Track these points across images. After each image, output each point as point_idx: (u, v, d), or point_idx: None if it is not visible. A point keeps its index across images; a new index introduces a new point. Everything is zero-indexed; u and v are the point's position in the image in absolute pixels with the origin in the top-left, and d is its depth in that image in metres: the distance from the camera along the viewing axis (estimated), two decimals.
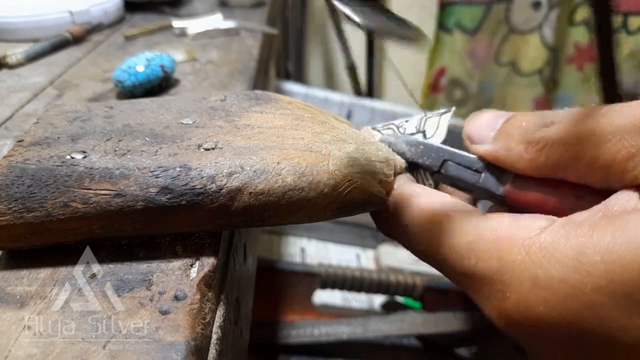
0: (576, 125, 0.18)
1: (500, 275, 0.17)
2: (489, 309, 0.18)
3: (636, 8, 0.82)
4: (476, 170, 0.23)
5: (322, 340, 0.66)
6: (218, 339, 0.20)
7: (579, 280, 0.15)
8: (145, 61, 0.38)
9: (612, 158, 0.17)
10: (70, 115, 0.25)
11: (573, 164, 0.18)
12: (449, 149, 0.24)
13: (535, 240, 0.17)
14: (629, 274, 0.14)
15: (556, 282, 0.16)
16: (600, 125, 0.17)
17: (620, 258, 0.14)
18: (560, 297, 0.15)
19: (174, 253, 0.21)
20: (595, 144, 0.17)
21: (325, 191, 0.21)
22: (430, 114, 0.26)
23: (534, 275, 0.16)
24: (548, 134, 0.19)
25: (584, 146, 0.18)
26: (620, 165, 0.17)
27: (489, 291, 0.18)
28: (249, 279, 0.35)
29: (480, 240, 0.19)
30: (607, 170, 0.17)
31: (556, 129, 0.19)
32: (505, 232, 0.18)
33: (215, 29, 0.55)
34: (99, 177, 0.20)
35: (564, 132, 0.18)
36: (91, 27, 0.54)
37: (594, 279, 0.15)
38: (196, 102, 0.27)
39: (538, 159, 0.20)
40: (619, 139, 0.17)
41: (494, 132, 0.22)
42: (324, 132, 0.24)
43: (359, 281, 0.74)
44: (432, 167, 0.24)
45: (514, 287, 0.17)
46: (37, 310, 0.18)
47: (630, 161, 0.17)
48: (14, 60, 0.44)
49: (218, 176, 0.20)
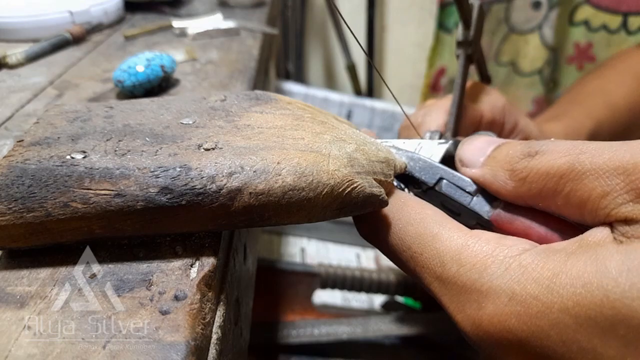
0: (558, 159, 0.19)
1: (479, 285, 0.18)
2: (462, 317, 0.19)
3: (636, 8, 0.82)
4: (469, 192, 0.24)
5: (322, 340, 0.66)
6: (218, 339, 0.20)
7: (550, 300, 0.16)
8: (145, 61, 0.38)
9: (588, 195, 0.18)
10: (70, 115, 0.25)
11: (552, 196, 0.19)
12: (447, 168, 0.25)
13: (517, 259, 0.18)
14: (593, 299, 0.15)
15: (530, 299, 0.16)
16: (580, 162, 0.18)
17: (587, 284, 0.15)
18: (532, 313, 0.16)
19: (174, 253, 0.21)
20: (572, 180, 0.18)
21: (325, 191, 0.21)
22: (428, 141, 0.27)
23: (511, 289, 0.17)
24: (531, 165, 0.20)
25: (562, 180, 0.19)
26: (594, 203, 0.18)
27: (465, 300, 0.19)
28: (249, 279, 0.35)
29: (465, 251, 0.19)
30: (582, 206, 0.18)
31: (539, 160, 0.20)
32: (490, 247, 0.19)
33: (215, 29, 0.55)
34: (99, 177, 0.20)
35: (547, 164, 0.19)
36: (91, 27, 0.54)
37: (563, 299, 0.16)
38: (196, 102, 0.27)
39: (521, 188, 0.20)
40: (595, 178, 0.18)
41: (483, 158, 0.23)
42: (324, 132, 0.24)
43: (359, 281, 0.74)
44: (428, 183, 0.25)
45: (490, 299, 0.18)
46: (37, 310, 0.18)
47: (603, 200, 0.17)
48: (14, 60, 0.44)
49: (218, 176, 0.20)
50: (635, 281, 0.14)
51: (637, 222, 0.16)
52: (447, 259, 0.20)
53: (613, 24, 0.88)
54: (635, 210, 0.16)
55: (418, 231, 0.22)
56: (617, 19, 0.86)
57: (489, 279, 0.18)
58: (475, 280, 0.18)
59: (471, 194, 0.23)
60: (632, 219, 0.16)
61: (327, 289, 0.75)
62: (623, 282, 0.15)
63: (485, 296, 0.18)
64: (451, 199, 0.24)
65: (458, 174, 0.24)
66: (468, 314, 0.19)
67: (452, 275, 0.19)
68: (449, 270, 0.19)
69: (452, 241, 0.20)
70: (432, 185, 0.25)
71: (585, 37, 0.96)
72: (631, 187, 0.17)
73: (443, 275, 0.20)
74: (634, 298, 0.14)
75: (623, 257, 0.15)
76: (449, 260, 0.20)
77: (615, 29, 0.87)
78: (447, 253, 0.20)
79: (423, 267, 0.21)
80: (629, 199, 0.17)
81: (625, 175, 0.17)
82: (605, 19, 0.89)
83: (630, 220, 0.17)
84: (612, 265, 0.15)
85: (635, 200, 0.17)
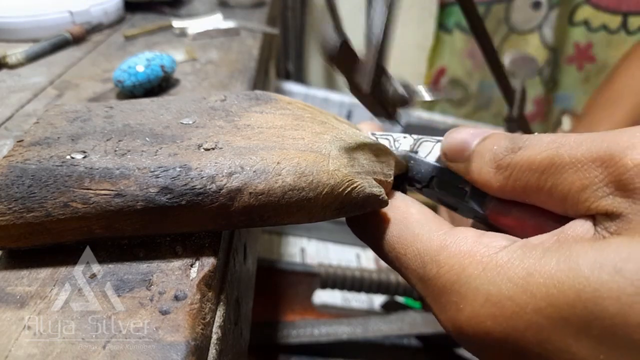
0: (540, 153, 0.19)
1: (458, 287, 0.18)
2: (444, 318, 0.19)
3: (636, 8, 0.82)
4: (462, 188, 0.23)
5: (322, 340, 0.66)
6: (218, 339, 0.20)
7: (524, 300, 0.16)
8: (145, 61, 0.38)
9: (568, 189, 0.18)
10: (70, 115, 0.25)
11: (536, 190, 0.19)
12: (438, 165, 0.25)
13: (493, 258, 0.18)
14: (565, 299, 0.15)
15: (505, 300, 0.16)
16: (559, 156, 0.18)
17: (559, 283, 0.15)
18: (507, 314, 0.16)
19: (174, 253, 0.21)
20: (553, 174, 0.18)
21: (325, 191, 0.21)
22: (427, 137, 0.26)
23: (487, 291, 0.17)
24: (515, 160, 0.20)
25: (544, 176, 0.18)
26: (574, 196, 0.17)
27: (445, 301, 0.19)
28: (249, 279, 0.35)
29: (443, 251, 0.19)
30: (564, 199, 0.18)
31: (521, 155, 0.19)
32: (467, 247, 0.19)
33: (215, 29, 0.55)
34: (99, 177, 0.20)
35: (528, 159, 0.19)
36: (91, 27, 0.54)
37: (536, 300, 0.15)
38: (196, 102, 0.27)
39: (506, 183, 0.20)
40: (575, 171, 0.17)
41: (468, 152, 0.22)
42: (324, 132, 0.24)
43: (359, 281, 0.74)
44: (422, 181, 0.25)
45: (468, 300, 0.17)
46: (37, 310, 0.18)
47: (583, 192, 0.17)
48: (14, 60, 0.44)
49: (218, 176, 0.20)
50: (606, 279, 0.14)
51: (618, 216, 0.16)
52: (427, 259, 0.20)
53: (613, 24, 0.88)
54: (615, 203, 0.16)
55: (400, 231, 0.22)
56: (617, 19, 0.86)
57: (466, 281, 0.18)
58: (453, 282, 0.18)
59: (465, 189, 0.23)
60: (612, 212, 0.16)
61: (327, 289, 0.75)
62: (594, 281, 0.14)
63: (463, 298, 0.18)
64: (446, 195, 0.24)
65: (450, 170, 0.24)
66: (449, 316, 0.18)
67: (433, 277, 0.19)
68: (430, 271, 0.19)
69: (431, 242, 0.20)
70: (426, 184, 0.25)
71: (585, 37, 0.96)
72: (610, 179, 0.16)
73: (424, 277, 0.20)
74: (605, 297, 0.14)
75: (596, 255, 0.15)
76: (429, 261, 0.19)
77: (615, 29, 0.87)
78: (426, 254, 0.20)
79: (407, 268, 0.21)
80: (608, 191, 0.16)
81: (603, 167, 0.17)
82: (605, 19, 0.89)
83: (612, 213, 0.16)
84: (584, 264, 0.15)
85: (615, 192, 0.16)
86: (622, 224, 0.16)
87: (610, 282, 0.14)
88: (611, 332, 0.14)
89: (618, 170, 0.16)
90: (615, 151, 0.16)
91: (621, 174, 0.16)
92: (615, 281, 0.14)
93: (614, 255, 0.15)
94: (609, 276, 0.14)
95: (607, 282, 0.14)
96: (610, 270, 0.14)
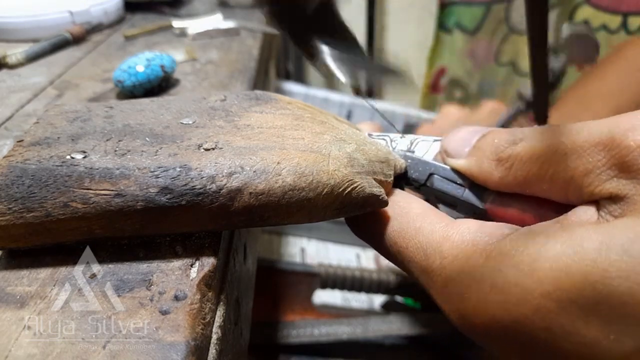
0: (541, 143, 0.19)
1: (462, 277, 0.18)
2: (449, 309, 0.19)
3: (636, 8, 0.82)
4: (460, 184, 0.23)
5: (322, 340, 0.66)
6: (218, 339, 0.20)
7: (531, 286, 0.16)
8: (145, 61, 0.38)
9: (571, 175, 0.18)
10: (70, 115, 0.25)
11: (538, 180, 0.19)
12: (435, 163, 0.25)
13: (497, 246, 0.18)
14: (572, 282, 0.15)
15: (511, 286, 0.16)
16: (562, 143, 0.18)
17: (566, 266, 0.15)
18: (514, 300, 0.16)
19: (174, 253, 0.21)
20: (556, 162, 0.18)
21: (325, 191, 0.21)
22: (423, 137, 0.27)
23: (492, 279, 0.17)
24: (515, 152, 0.20)
25: (546, 163, 0.19)
26: (577, 182, 0.18)
27: (449, 292, 0.19)
28: (249, 279, 0.35)
29: (446, 242, 0.19)
30: (567, 186, 0.18)
31: (522, 146, 0.20)
32: (470, 236, 0.19)
33: (215, 29, 0.55)
34: (99, 177, 0.20)
35: (530, 150, 0.19)
36: (91, 27, 0.54)
37: (543, 285, 0.15)
38: (196, 102, 0.27)
39: (507, 175, 0.20)
40: (577, 157, 0.17)
41: (468, 148, 0.22)
42: (324, 132, 0.24)
43: (359, 281, 0.74)
44: (419, 180, 0.25)
45: (473, 289, 0.17)
46: (37, 310, 0.18)
47: (586, 177, 0.17)
48: (14, 60, 0.44)
49: (218, 176, 0.20)
50: (614, 259, 0.14)
51: (622, 199, 0.16)
52: (430, 251, 0.20)
53: (613, 24, 0.88)
54: (620, 185, 0.16)
55: (401, 226, 0.22)
56: (617, 19, 0.86)
57: (471, 270, 0.18)
58: (458, 272, 0.18)
59: (463, 185, 0.23)
60: (617, 195, 0.16)
61: (327, 289, 0.75)
62: (601, 262, 0.14)
63: (468, 287, 0.18)
64: (444, 192, 0.24)
65: (447, 167, 0.24)
66: (454, 306, 0.18)
67: (436, 268, 0.19)
68: (433, 262, 0.19)
69: (433, 233, 0.20)
70: (424, 182, 0.25)
71: None
72: (612, 162, 0.16)
73: (428, 268, 0.20)
74: (613, 277, 0.14)
75: (601, 237, 0.15)
76: (432, 252, 0.20)
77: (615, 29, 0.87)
78: (429, 246, 0.20)
79: (410, 262, 0.21)
80: (612, 174, 0.16)
81: (606, 151, 0.17)
82: (605, 19, 0.89)
83: (616, 196, 0.16)
84: (590, 246, 0.15)
85: (619, 175, 0.16)
86: (627, 206, 0.16)
87: (619, 262, 0.14)
88: (621, 311, 0.14)
89: (621, 152, 0.16)
90: (617, 134, 0.16)
91: (624, 155, 0.16)
92: (624, 261, 0.14)
93: (620, 236, 0.15)
94: (618, 256, 0.14)
95: (616, 262, 0.14)
96: (618, 251, 0.14)
